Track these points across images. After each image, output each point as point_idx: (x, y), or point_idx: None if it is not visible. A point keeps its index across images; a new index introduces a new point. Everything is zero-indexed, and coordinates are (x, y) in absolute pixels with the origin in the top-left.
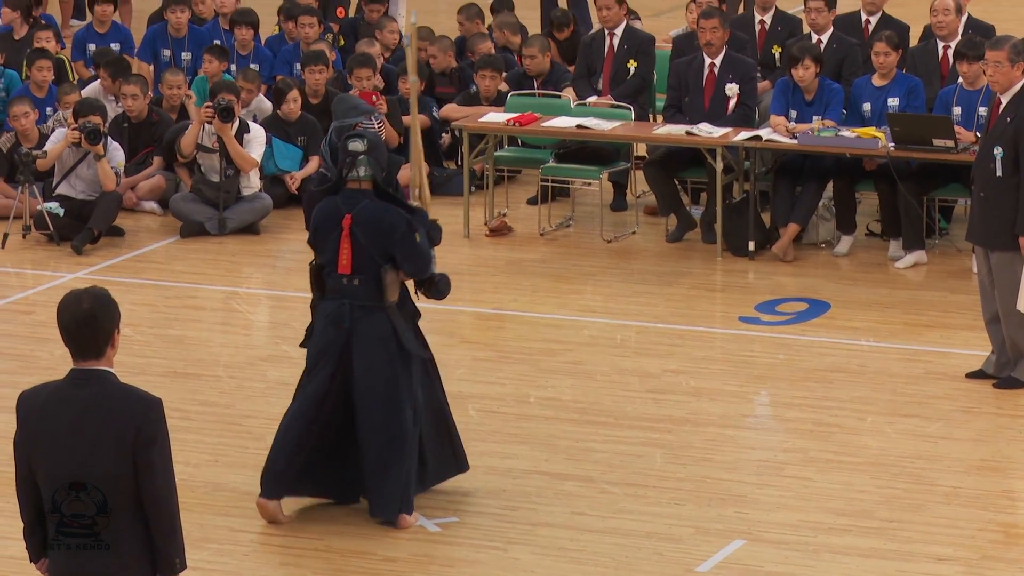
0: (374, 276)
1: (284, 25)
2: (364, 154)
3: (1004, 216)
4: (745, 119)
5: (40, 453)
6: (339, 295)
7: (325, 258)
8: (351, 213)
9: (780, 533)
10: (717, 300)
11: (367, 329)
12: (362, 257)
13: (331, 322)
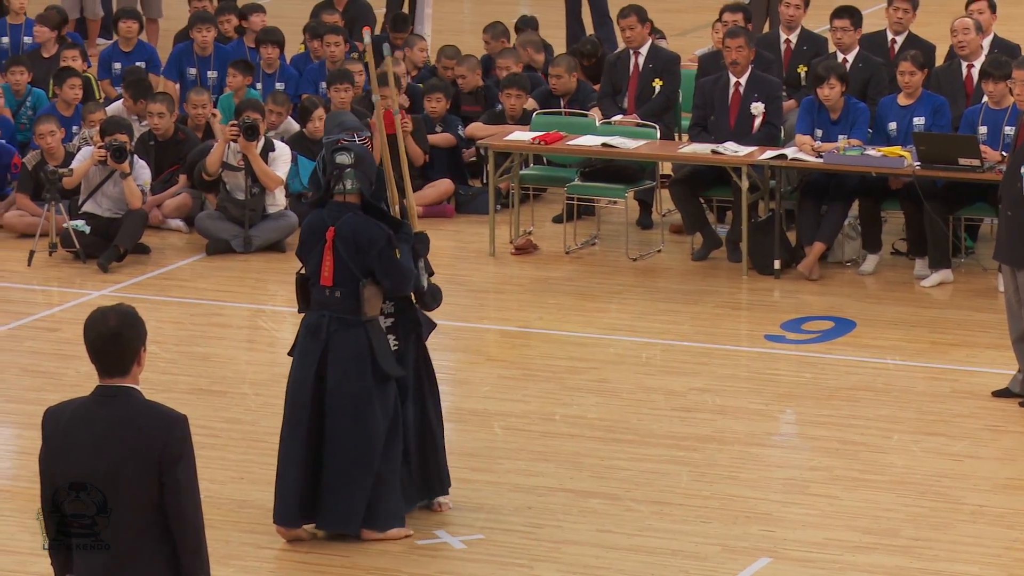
0: (354, 289)
1: (310, 44)
2: (350, 167)
3: None
4: (770, 138)
5: (64, 470)
6: (320, 307)
7: (310, 269)
8: (334, 226)
9: (806, 551)
10: (743, 318)
11: (343, 343)
12: (343, 270)
13: (310, 333)
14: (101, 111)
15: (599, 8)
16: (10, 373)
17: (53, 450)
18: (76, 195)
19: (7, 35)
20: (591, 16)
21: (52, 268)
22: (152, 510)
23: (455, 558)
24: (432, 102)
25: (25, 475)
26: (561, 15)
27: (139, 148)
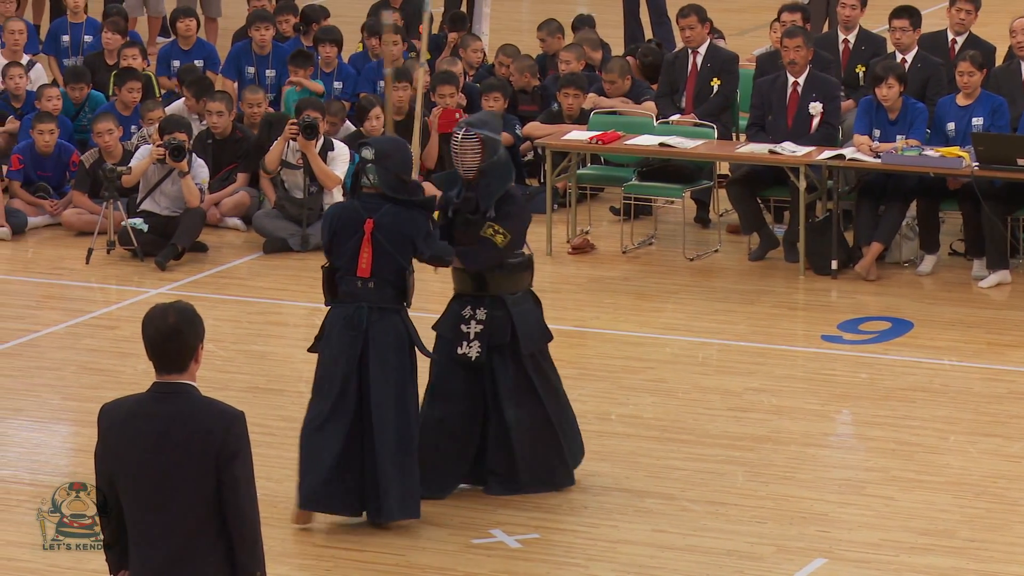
0: (390, 279)
1: (368, 42)
2: (371, 162)
3: None
4: (828, 138)
5: (122, 467)
6: (354, 299)
7: (341, 262)
8: (373, 217)
9: (861, 552)
10: (799, 319)
11: (383, 332)
12: (382, 261)
13: (347, 325)
14: (160, 109)
15: (657, 7)
16: (68, 371)
17: (109, 447)
18: (134, 193)
19: (67, 34)
20: (649, 15)
21: (110, 266)
22: (209, 507)
23: (511, 557)
24: (490, 101)
25: (83, 472)
26: (619, 14)
27: (197, 147)
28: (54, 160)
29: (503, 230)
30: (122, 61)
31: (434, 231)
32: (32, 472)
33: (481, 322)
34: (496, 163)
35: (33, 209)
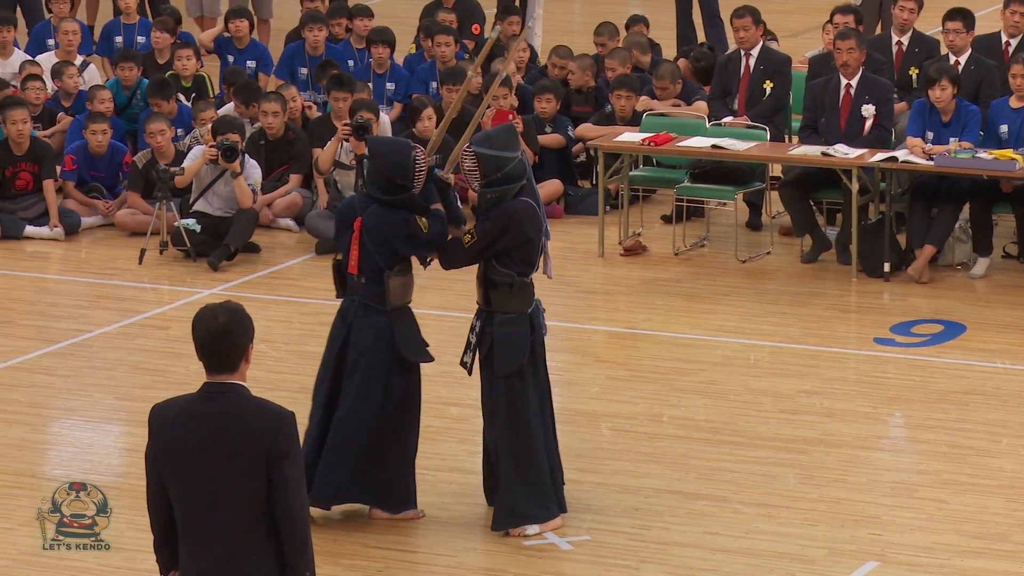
0: (378, 277)
1: (423, 43)
2: (364, 159)
3: None
4: (881, 140)
5: (172, 466)
6: (351, 292)
7: (343, 255)
8: (361, 216)
9: (914, 555)
10: (852, 321)
11: (365, 328)
12: (367, 259)
13: (340, 316)
14: (212, 110)
15: (710, 9)
16: (120, 371)
17: (161, 447)
18: (187, 194)
19: (121, 34)
20: (701, 17)
21: (163, 266)
22: (259, 506)
23: (562, 559)
24: (542, 103)
25: (134, 472)
26: (671, 15)
27: (250, 147)
28: (107, 160)
29: (472, 231)
30: (176, 62)
31: (426, 232)
32: (84, 472)
33: (476, 334)
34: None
35: (86, 209)
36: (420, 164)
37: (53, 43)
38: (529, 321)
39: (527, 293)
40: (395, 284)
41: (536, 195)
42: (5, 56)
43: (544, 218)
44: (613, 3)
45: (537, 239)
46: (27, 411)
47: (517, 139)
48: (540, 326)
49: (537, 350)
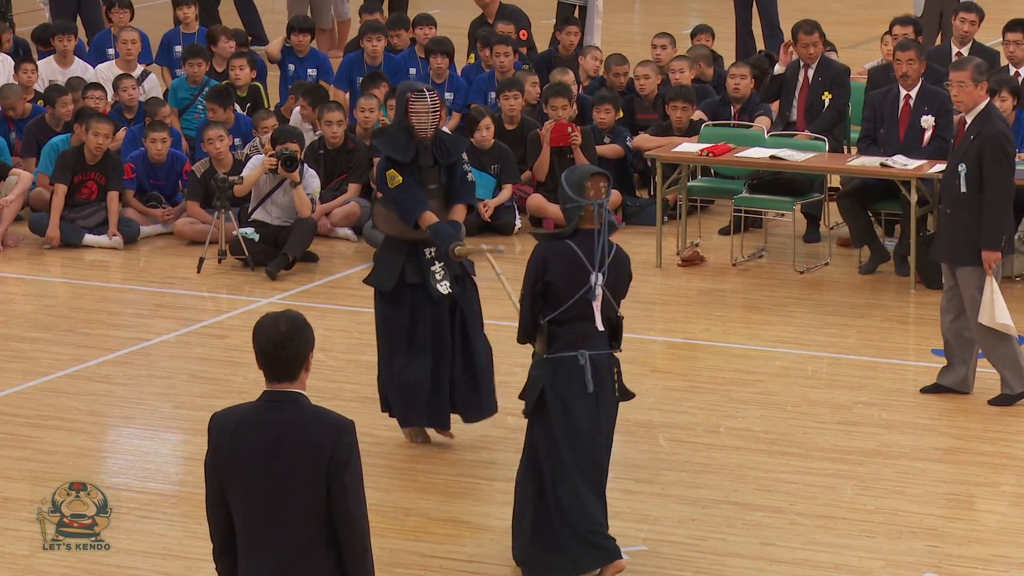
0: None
1: (480, 52)
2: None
3: (969, 232)
4: (940, 151)
5: (233, 476)
6: None
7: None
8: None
9: (971, 568)
10: (910, 332)
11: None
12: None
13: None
14: (273, 118)
15: (770, 20)
16: (179, 379)
17: (220, 457)
18: (246, 203)
19: (180, 44)
20: (761, 28)
21: (221, 275)
22: (319, 516)
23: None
24: (601, 113)
25: (193, 480)
26: (731, 26)
27: (309, 157)
28: (166, 169)
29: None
30: (231, 72)
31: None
32: (142, 480)
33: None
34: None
35: (145, 218)
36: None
37: (113, 52)
38: (554, 368)
39: (550, 337)
40: (377, 208)
41: (592, 243)
42: (65, 65)
43: (593, 269)
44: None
45: (562, 284)
46: (86, 419)
47: (596, 186)
48: (568, 377)
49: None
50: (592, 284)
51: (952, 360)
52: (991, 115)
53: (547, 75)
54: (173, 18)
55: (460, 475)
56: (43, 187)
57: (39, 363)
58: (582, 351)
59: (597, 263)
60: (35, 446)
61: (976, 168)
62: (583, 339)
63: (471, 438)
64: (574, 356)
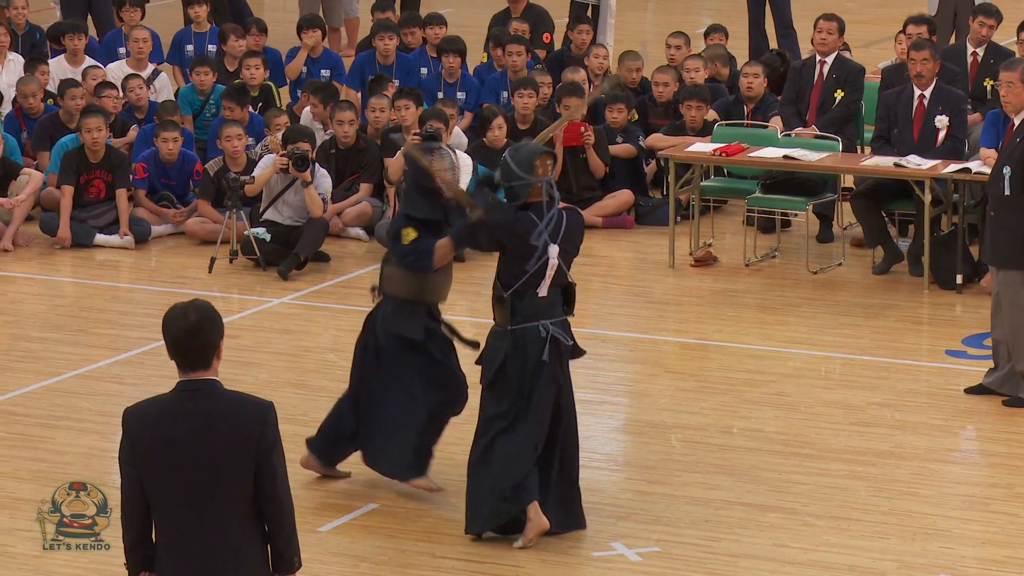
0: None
1: (493, 52)
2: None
3: (1014, 235)
4: (954, 151)
5: (155, 468)
6: None
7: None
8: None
9: (985, 569)
10: (923, 333)
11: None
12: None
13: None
14: (285, 116)
15: (783, 19)
16: None
17: (141, 450)
18: (257, 203)
19: (191, 43)
20: (774, 27)
21: (233, 275)
22: (248, 497)
23: (631, 570)
24: (613, 112)
25: None
26: (744, 25)
27: (320, 156)
28: (178, 168)
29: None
30: (244, 71)
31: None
32: None
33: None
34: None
35: (156, 218)
36: (437, 165)
37: (124, 51)
38: (512, 339)
39: (512, 310)
40: (387, 271)
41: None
42: (76, 64)
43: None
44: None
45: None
46: (97, 419)
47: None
48: (529, 348)
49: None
50: (548, 256)
51: (999, 362)
52: None
53: (559, 75)
54: (184, 17)
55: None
56: (54, 187)
57: (49, 363)
58: (543, 322)
59: (551, 235)
60: (45, 446)
61: (1021, 170)
62: (541, 310)
63: None
64: (535, 327)
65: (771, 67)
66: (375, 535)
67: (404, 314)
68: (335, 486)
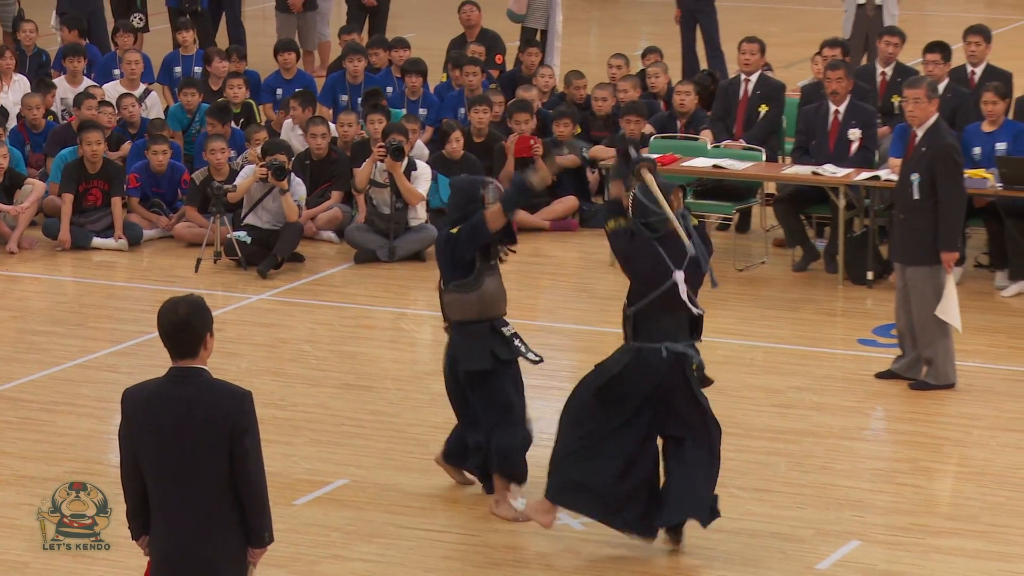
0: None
1: (451, 72)
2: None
3: (920, 235)
4: (866, 161)
5: (146, 444)
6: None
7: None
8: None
9: (892, 535)
10: (838, 324)
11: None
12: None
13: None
14: (264, 131)
15: (712, 42)
16: None
17: (133, 427)
18: (239, 209)
19: (179, 65)
20: (705, 49)
21: (217, 274)
22: (224, 477)
23: (577, 538)
24: (560, 126)
25: None
26: (677, 47)
27: (296, 167)
28: (167, 178)
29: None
30: (227, 90)
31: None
32: None
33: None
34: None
35: (147, 223)
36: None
37: (119, 72)
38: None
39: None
40: (449, 299)
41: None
42: (75, 84)
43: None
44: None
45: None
46: (96, 405)
47: (677, 199)
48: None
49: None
50: (675, 281)
51: (905, 350)
52: (940, 129)
53: (511, 93)
54: (173, 41)
55: (432, 454)
56: (55, 195)
57: (52, 354)
58: (664, 344)
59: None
60: (48, 429)
61: (928, 177)
62: (666, 333)
63: (442, 420)
64: (657, 348)
65: (702, 85)
66: (345, 508)
67: (469, 343)
68: (309, 465)
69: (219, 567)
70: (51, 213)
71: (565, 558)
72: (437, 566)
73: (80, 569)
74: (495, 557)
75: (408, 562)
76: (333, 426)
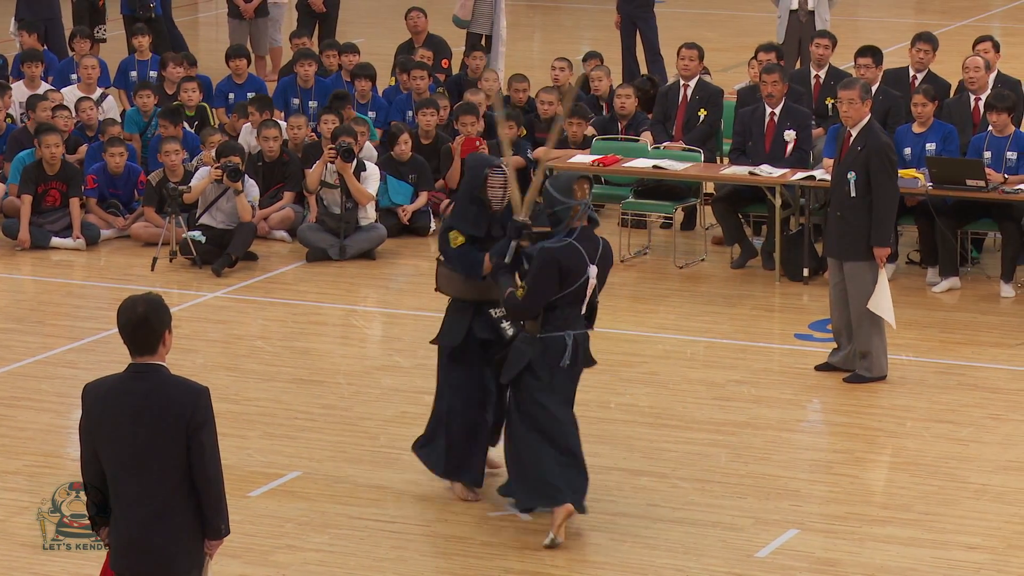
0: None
1: (399, 77)
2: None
3: (858, 231)
4: (801, 161)
5: (105, 437)
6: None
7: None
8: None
9: (829, 524)
10: (775, 319)
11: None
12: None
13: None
14: (219, 134)
15: (651, 47)
16: None
17: (93, 421)
18: (194, 209)
19: (135, 69)
20: (644, 53)
21: (172, 273)
22: (182, 470)
23: (524, 528)
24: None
25: None
26: (618, 52)
27: (249, 168)
28: (124, 180)
29: (523, 284)
30: (182, 94)
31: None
32: None
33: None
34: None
35: (105, 223)
36: (492, 181)
37: (76, 77)
38: (543, 346)
39: (543, 320)
40: (440, 272)
41: (589, 240)
42: (33, 88)
43: (591, 263)
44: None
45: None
46: (55, 400)
47: (581, 188)
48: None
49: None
50: (588, 276)
51: (841, 344)
52: (874, 129)
53: (457, 96)
54: (128, 46)
55: (383, 447)
56: (14, 196)
57: (12, 351)
58: (568, 332)
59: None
60: (9, 423)
61: (864, 175)
62: (568, 322)
63: (392, 414)
64: (561, 336)
65: (642, 90)
66: (299, 499)
67: (449, 319)
68: (263, 458)
69: (175, 557)
70: (10, 214)
71: (510, 547)
72: (388, 555)
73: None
74: (444, 546)
75: (359, 552)
76: (286, 420)
